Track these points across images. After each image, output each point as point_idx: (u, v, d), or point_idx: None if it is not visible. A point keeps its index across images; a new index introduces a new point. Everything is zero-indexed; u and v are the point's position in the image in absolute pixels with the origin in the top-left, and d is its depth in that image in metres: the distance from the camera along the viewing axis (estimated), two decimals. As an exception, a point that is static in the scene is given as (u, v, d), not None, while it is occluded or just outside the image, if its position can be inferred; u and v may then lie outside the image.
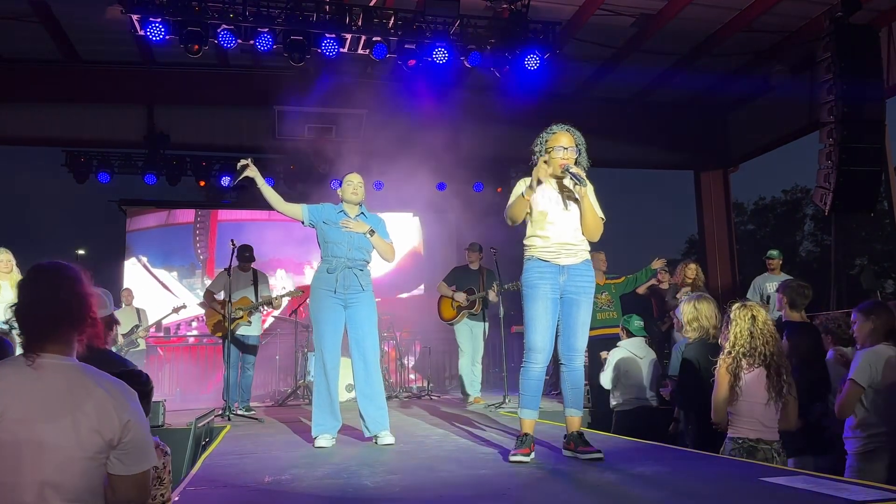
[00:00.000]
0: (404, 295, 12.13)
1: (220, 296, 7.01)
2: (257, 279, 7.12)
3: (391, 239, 4.54)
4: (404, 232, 12.25)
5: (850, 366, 3.78)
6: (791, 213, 29.94)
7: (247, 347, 7.04)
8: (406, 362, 9.64)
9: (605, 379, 6.12)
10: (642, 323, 6.35)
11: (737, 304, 3.66)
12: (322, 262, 4.40)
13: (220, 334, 6.97)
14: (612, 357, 6.15)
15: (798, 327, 4.20)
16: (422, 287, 12.11)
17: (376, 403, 4.26)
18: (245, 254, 7.10)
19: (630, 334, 6.25)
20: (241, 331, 6.90)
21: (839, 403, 3.73)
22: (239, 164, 4.37)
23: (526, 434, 3.39)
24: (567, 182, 3.59)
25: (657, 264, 7.35)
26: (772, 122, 11.49)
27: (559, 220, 3.55)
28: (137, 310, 8.76)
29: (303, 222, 4.44)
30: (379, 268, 7.12)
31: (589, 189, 3.54)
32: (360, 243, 4.36)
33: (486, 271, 7.39)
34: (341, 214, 4.41)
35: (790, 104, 10.44)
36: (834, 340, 4.52)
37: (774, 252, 8.00)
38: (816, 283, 6.02)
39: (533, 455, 3.32)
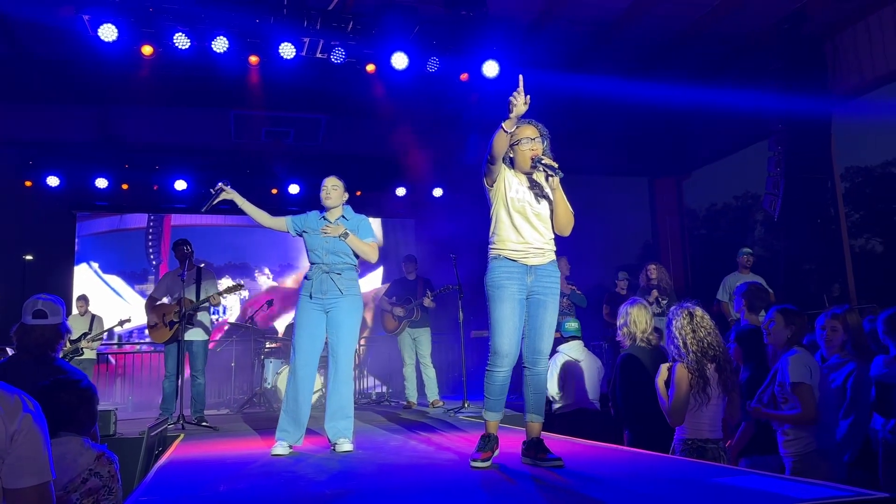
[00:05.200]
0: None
1: (167, 300, 6.63)
2: (200, 277, 6.58)
3: (375, 237, 4.50)
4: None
5: (785, 371, 3.61)
6: (742, 218, 30.65)
7: (192, 353, 6.51)
8: (364, 369, 9.58)
9: (552, 387, 6.12)
10: (576, 324, 6.37)
11: (673, 307, 3.76)
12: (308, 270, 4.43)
13: (161, 341, 6.55)
14: (554, 363, 6.16)
15: (747, 331, 4.29)
16: (381, 292, 12.05)
17: (343, 412, 4.22)
18: (184, 249, 6.55)
19: (564, 338, 6.26)
20: (184, 335, 6.36)
21: (804, 413, 3.52)
22: (214, 189, 4.37)
23: (490, 434, 3.37)
24: (537, 177, 3.46)
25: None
26: (724, 130, 11.74)
27: (531, 217, 3.42)
28: (93, 317, 8.52)
29: (290, 234, 4.48)
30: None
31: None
32: (337, 247, 4.33)
33: (423, 280, 7.85)
34: (322, 221, 4.41)
35: (741, 113, 10.71)
36: None
37: (748, 250, 8.11)
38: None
39: (492, 459, 3.29)
